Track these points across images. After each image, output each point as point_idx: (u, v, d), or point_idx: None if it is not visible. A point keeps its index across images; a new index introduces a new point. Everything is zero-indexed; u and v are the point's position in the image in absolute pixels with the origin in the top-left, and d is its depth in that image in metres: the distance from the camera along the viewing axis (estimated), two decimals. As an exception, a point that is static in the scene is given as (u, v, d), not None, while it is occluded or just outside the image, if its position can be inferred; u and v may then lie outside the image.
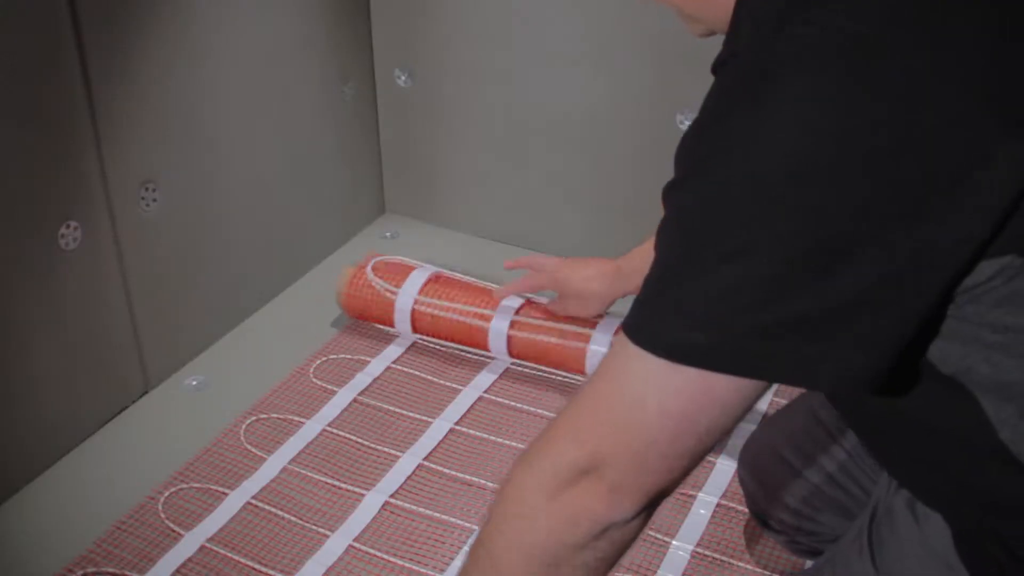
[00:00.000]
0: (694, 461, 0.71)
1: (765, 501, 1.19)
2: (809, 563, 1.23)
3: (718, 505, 1.35)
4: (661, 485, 0.71)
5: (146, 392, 1.58)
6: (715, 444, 0.71)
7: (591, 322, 1.53)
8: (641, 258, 1.42)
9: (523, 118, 1.87)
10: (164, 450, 1.46)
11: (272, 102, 1.71)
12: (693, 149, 0.69)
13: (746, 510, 1.28)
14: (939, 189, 0.62)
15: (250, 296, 1.77)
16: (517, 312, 1.57)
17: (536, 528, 0.73)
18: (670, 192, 0.70)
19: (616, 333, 1.52)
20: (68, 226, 1.38)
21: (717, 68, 0.79)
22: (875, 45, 0.62)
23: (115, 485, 1.40)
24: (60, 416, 1.44)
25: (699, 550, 1.29)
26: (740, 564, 1.27)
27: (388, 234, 2.01)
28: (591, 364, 1.51)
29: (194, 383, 1.61)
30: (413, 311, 1.62)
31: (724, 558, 1.28)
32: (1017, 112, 0.62)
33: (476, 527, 1.31)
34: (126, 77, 1.41)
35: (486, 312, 1.58)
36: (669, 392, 0.67)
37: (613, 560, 0.74)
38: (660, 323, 0.67)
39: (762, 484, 1.19)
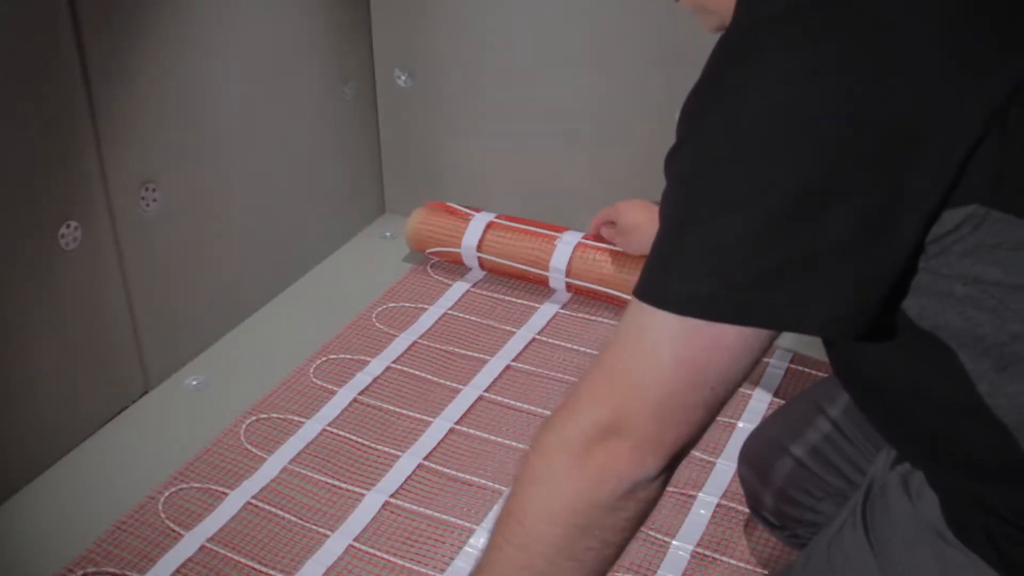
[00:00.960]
0: (710, 414, 0.74)
1: (766, 493, 1.19)
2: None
3: (718, 505, 1.35)
4: (682, 439, 0.74)
5: (146, 392, 1.58)
6: (727, 397, 0.74)
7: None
8: None
9: (523, 118, 1.87)
10: (164, 450, 1.46)
11: (272, 102, 1.72)
12: (688, 111, 0.74)
13: (746, 510, 1.29)
14: (908, 132, 0.65)
15: (250, 296, 1.77)
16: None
17: (564, 491, 0.74)
18: (669, 159, 0.75)
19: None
20: (68, 226, 1.38)
21: None
22: (843, 5, 0.66)
23: (115, 485, 1.40)
24: (60, 416, 1.44)
25: (699, 550, 1.29)
26: (740, 564, 1.27)
27: (388, 234, 2.01)
28: None
29: (194, 383, 1.61)
30: (490, 223, 1.78)
31: (724, 558, 1.28)
32: (978, 57, 0.65)
33: (476, 527, 1.32)
34: (126, 77, 1.41)
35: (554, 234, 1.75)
36: (680, 342, 0.71)
37: (639, 522, 0.76)
38: (665, 280, 0.71)
39: (762, 477, 1.19)
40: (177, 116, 1.52)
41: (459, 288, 1.81)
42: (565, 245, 1.74)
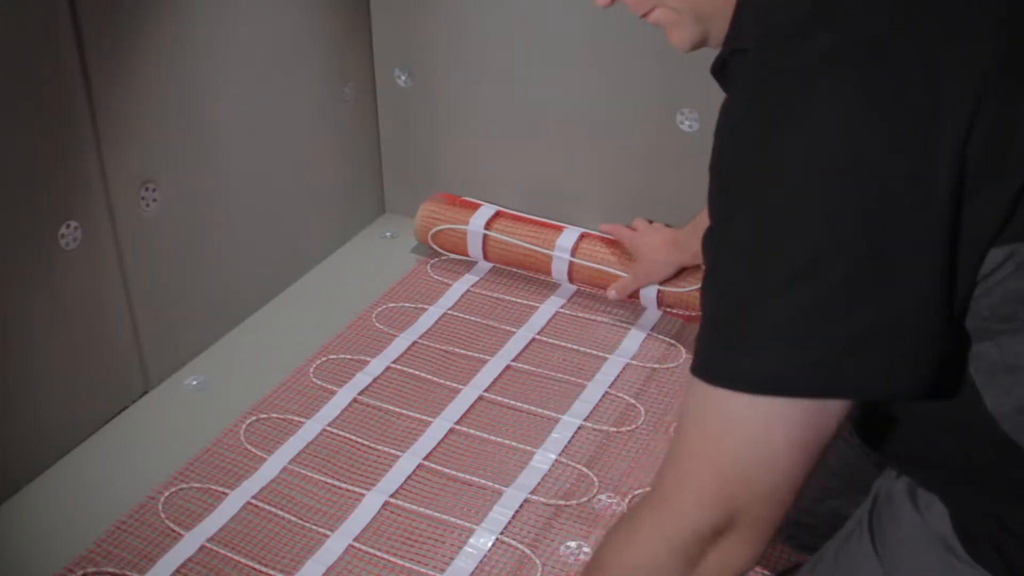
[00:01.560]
0: (808, 480, 0.72)
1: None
2: (809, 559, 1.23)
3: (718, 505, 1.35)
4: (788, 511, 0.73)
5: (146, 392, 1.58)
6: (823, 458, 0.72)
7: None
8: (693, 228, 1.51)
9: (523, 118, 1.87)
10: (164, 450, 1.45)
11: (272, 102, 1.71)
12: (725, 187, 0.69)
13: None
14: (968, 180, 0.64)
15: (250, 296, 1.77)
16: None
17: None
18: (716, 233, 0.70)
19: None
20: (68, 226, 1.38)
21: (717, 69, 0.79)
22: (890, 51, 0.63)
23: (115, 485, 1.40)
24: (60, 416, 1.44)
25: (699, 550, 1.29)
26: (740, 564, 1.27)
27: (388, 234, 2.01)
28: None
29: (194, 383, 1.61)
30: (499, 211, 1.81)
31: (724, 558, 1.28)
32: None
33: (476, 526, 1.31)
34: (126, 77, 1.41)
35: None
36: (792, 425, 0.68)
37: None
38: (751, 362, 0.67)
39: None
40: (177, 116, 1.52)
41: (459, 288, 1.81)
42: (572, 231, 1.76)
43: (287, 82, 1.74)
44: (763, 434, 0.68)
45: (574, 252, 1.75)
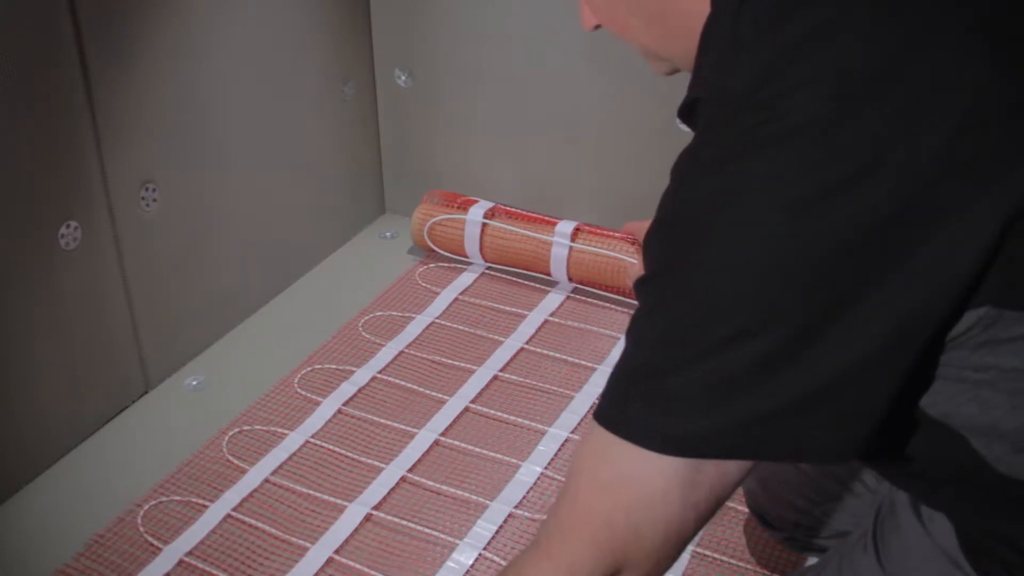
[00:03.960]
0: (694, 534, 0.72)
1: (765, 497, 1.19)
2: (810, 559, 1.23)
3: (718, 505, 1.35)
4: (675, 559, 0.72)
5: (146, 392, 1.58)
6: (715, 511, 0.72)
7: None
8: None
9: (523, 118, 1.87)
10: (164, 450, 1.45)
11: (272, 102, 1.71)
12: (666, 240, 0.69)
13: (746, 510, 1.28)
14: (910, 259, 0.62)
15: (250, 296, 1.77)
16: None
17: None
18: (647, 284, 0.69)
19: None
20: (68, 226, 1.38)
21: (684, 113, 0.80)
22: (835, 125, 0.62)
23: (115, 485, 1.40)
24: (60, 416, 1.44)
25: (699, 550, 1.29)
26: (740, 564, 1.27)
27: (388, 234, 2.01)
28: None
29: (194, 383, 1.61)
30: (496, 206, 1.81)
31: (724, 558, 1.28)
32: (979, 172, 0.61)
33: (459, 541, 1.29)
34: (126, 77, 1.41)
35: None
36: (688, 485, 0.67)
37: None
38: (663, 419, 0.66)
39: (762, 479, 1.19)
40: (177, 116, 1.52)
41: (447, 296, 1.78)
42: (571, 222, 1.76)
43: (287, 82, 1.74)
44: (661, 494, 0.67)
45: (574, 238, 1.74)
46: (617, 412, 0.69)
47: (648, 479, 0.68)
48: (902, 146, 0.61)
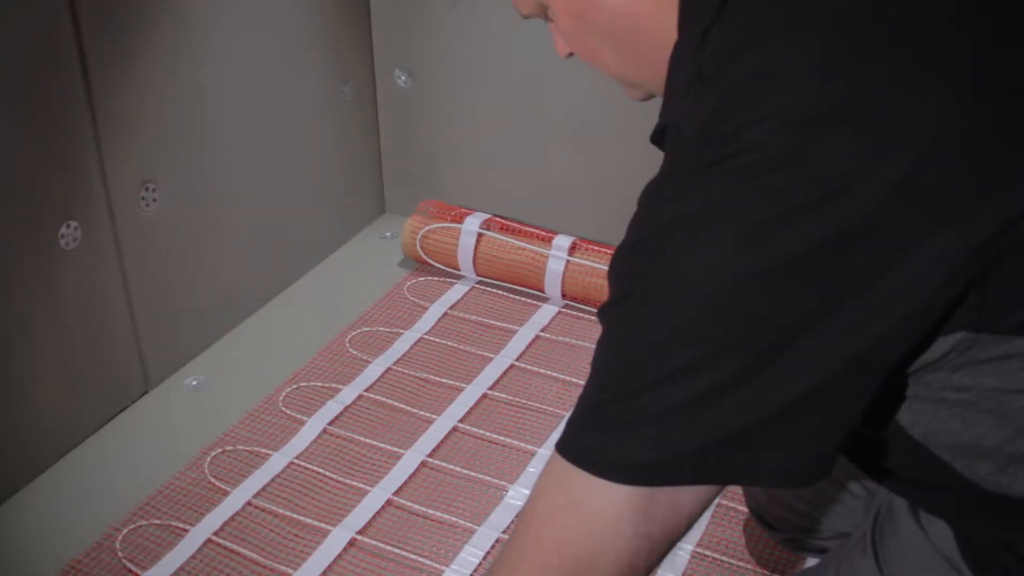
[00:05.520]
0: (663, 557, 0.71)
1: (765, 498, 1.19)
2: (810, 560, 1.23)
3: (718, 505, 1.35)
4: None
5: (146, 392, 1.58)
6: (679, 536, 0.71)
7: None
8: None
9: (523, 118, 1.87)
10: (164, 450, 1.45)
11: (272, 102, 1.71)
12: (627, 268, 0.68)
13: (746, 510, 1.28)
14: (869, 288, 0.61)
15: (250, 296, 1.77)
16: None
17: None
18: (607, 311, 0.69)
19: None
20: (68, 226, 1.38)
21: (655, 139, 0.80)
22: (795, 156, 0.61)
23: (114, 485, 1.40)
24: (60, 416, 1.44)
25: (699, 550, 1.29)
26: (740, 564, 1.27)
27: (388, 234, 2.01)
28: None
29: (194, 383, 1.61)
30: (489, 218, 1.81)
31: (724, 558, 1.28)
32: (942, 204, 0.61)
33: (444, 568, 1.26)
34: (126, 77, 1.41)
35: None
36: (641, 515, 0.67)
37: None
38: (612, 448, 0.66)
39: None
40: (177, 116, 1.52)
41: (436, 311, 1.75)
42: (569, 237, 1.75)
43: (287, 82, 1.74)
44: (613, 522, 0.67)
45: (571, 252, 1.73)
46: (572, 438, 0.69)
47: (600, 508, 0.67)
48: (862, 178, 0.60)
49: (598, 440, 0.67)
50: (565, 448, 0.69)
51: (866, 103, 0.62)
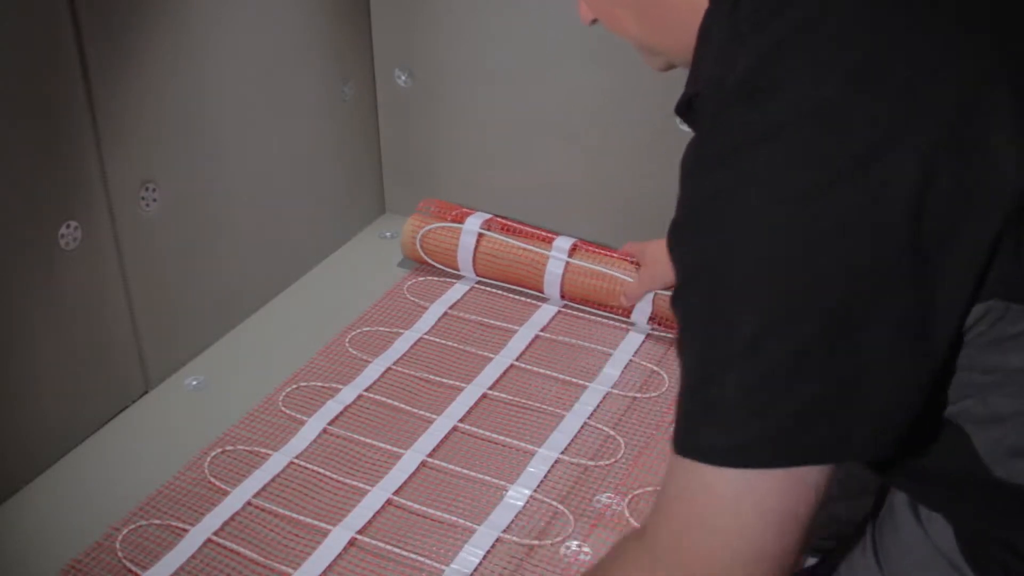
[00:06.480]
0: (800, 552, 0.71)
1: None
2: (809, 560, 1.23)
3: (718, 505, 1.35)
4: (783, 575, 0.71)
5: (146, 392, 1.58)
6: (814, 523, 0.71)
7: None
8: None
9: (523, 118, 1.87)
10: (164, 450, 1.45)
11: (272, 102, 1.71)
12: (685, 248, 0.69)
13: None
14: (929, 245, 0.62)
15: (250, 296, 1.77)
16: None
17: None
18: (677, 298, 0.70)
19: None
20: (68, 226, 1.38)
21: (681, 110, 0.79)
22: (841, 115, 0.62)
23: (114, 485, 1.40)
24: (60, 416, 1.44)
25: (699, 550, 1.28)
26: (740, 564, 1.27)
27: (388, 234, 2.01)
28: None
29: (194, 383, 1.60)
30: (490, 218, 1.80)
31: (724, 558, 1.27)
32: (983, 155, 0.61)
33: (444, 567, 1.26)
34: (126, 77, 1.41)
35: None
36: (763, 494, 0.67)
37: None
38: (713, 433, 0.67)
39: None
40: (177, 116, 1.52)
41: (436, 311, 1.74)
42: (569, 238, 1.75)
43: (287, 82, 1.74)
44: (731, 504, 0.67)
45: (571, 253, 1.73)
46: (677, 431, 0.70)
47: (715, 491, 0.68)
48: (903, 134, 0.61)
49: (696, 428, 0.68)
50: (673, 441, 0.70)
51: (904, 59, 0.62)
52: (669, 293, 1.59)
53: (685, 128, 0.79)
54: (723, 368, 0.66)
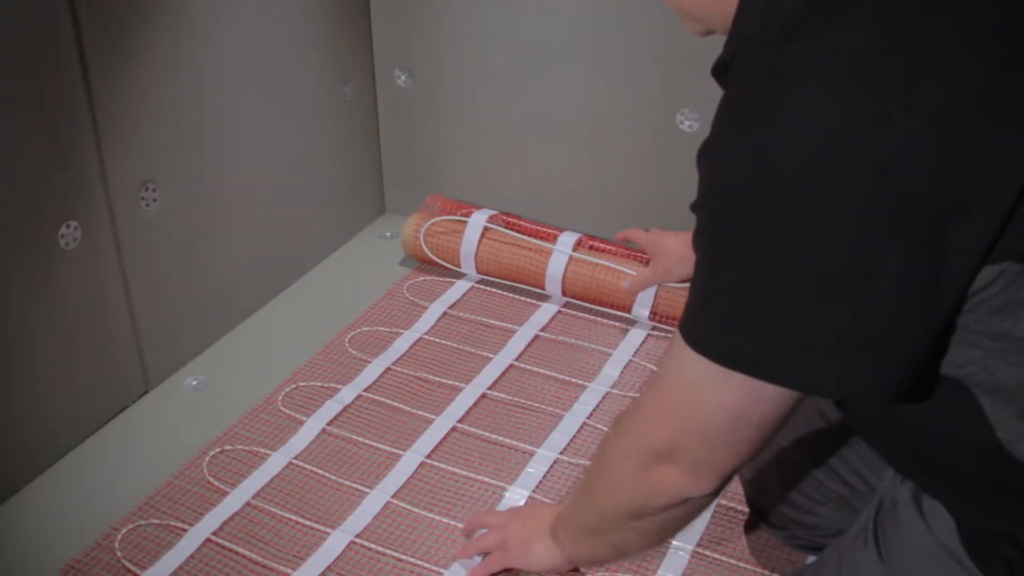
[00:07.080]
0: (757, 445, 0.79)
1: (765, 495, 1.19)
2: (810, 558, 1.23)
3: (718, 505, 1.35)
4: (733, 464, 0.80)
5: (146, 392, 1.58)
6: (774, 431, 0.78)
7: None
8: None
9: (523, 118, 1.87)
10: (164, 450, 1.45)
11: (272, 102, 1.72)
12: (712, 161, 0.71)
13: (746, 510, 1.29)
14: (950, 195, 0.64)
15: (250, 296, 1.77)
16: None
17: (623, 490, 0.89)
18: (701, 202, 0.73)
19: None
20: (68, 226, 1.38)
21: (718, 71, 0.80)
22: (877, 60, 0.64)
23: (114, 485, 1.40)
24: (60, 416, 1.44)
25: (699, 550, 1.28)
26: (740, 564, 1.27)
27: (388, 234, 2.01)
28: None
29: (194, 383, 1.61)
30: (496, 213, 1.81)
31: (724, 558, 1.28)
32: (1013, 117, 0.63)
33: (444, 570, 1.25)
34: (126, 77, 1.42)
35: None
36: (724, 390, 0.74)
37: (692, 516, 0.89)
38: (712, 329, 0.73)
39: (762, 479, 1.19)
40: (177, 116, 1.52)
41: (435, 311, 1.74)
42: (574, 233, 1.75)
43: (287, 82, 1.74)
44: (698, 390, 0.76)
45: (576, 248, 1.73)
46: (684, 319, 0.76)
47: (688, 372, 0.76)
48: (933, 90, 0.63)
49: (705, 321, 0.74)
50: (681, 326, 0.76)
51: (945, 13, 0.65)
52: (677, 286, 1.61)
53: (685, 127, 0.80)
54: (741, 280, 0.69)
